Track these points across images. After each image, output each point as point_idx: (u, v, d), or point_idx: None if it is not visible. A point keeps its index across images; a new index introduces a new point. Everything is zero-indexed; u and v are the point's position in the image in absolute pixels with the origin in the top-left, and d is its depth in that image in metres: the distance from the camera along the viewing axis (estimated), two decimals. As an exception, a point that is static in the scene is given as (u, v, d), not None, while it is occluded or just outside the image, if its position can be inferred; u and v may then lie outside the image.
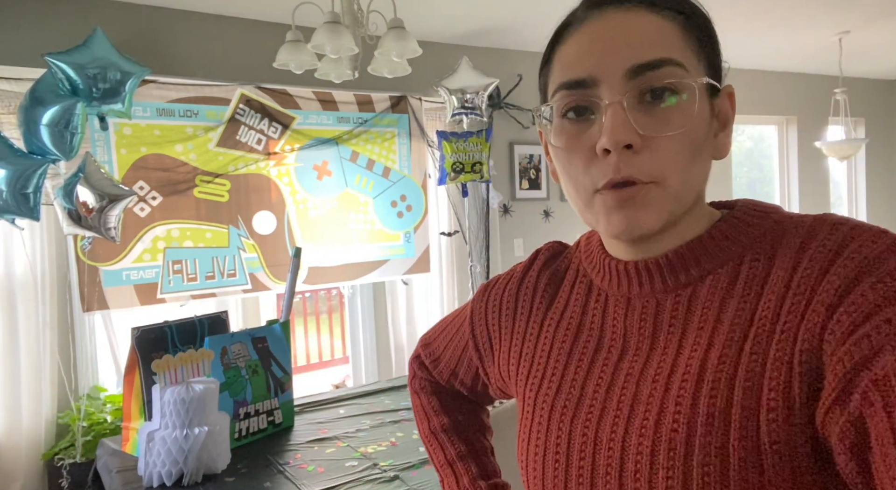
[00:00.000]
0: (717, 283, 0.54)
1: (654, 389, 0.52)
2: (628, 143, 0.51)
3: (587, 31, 0.54)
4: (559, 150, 0.56)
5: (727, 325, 0.51)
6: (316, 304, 5.59)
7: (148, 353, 1.70)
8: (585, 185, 0.54)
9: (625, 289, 0.59)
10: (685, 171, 0.52)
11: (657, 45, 0.51)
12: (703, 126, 0.53)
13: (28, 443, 2.51)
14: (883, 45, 4.33)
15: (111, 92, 2.20)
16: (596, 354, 0.59)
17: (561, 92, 0.55)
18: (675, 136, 0.51)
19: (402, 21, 2.05)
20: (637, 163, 0.51)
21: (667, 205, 0.52)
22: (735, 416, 0.47)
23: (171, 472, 1.49)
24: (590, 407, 0.57)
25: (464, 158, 3.19)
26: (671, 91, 0.51)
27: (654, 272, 0.56)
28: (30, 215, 2.14)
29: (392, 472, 1.56)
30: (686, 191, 0.53)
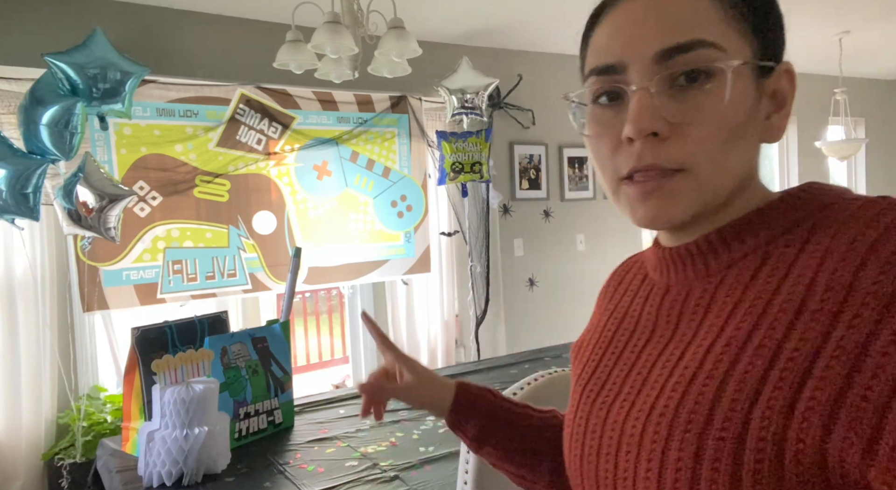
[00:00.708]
0: (743, 271, 0.50)
1: (660, 375, 0.51)
2: (652, 131, 0.49)
3: (619, 14, 0.52)
4: (590, 137, 0.55)
5: (740, 315, 0.47)
6: (316, 304, 5.59)
7: (148, 353, 1.70)
8: (611, 173, 0.53)
9: (665, 276, 0.57)
10: (719, 158, 0.49)
11: (690, 25, 0.48)
12: (744, 109, 0.49)
13: (28, 443, 2.51)
14: (883, 45, 4.33)
15: (111, 92, 2.20)
16: (629, 341, 0.58)
17: (592, 78, 0.54)
18: (708, 122, 0.48)
19: (402, 21, 2.05)
20: (663, 150, 0.49)
21: (697, 194, 0.50)
22: (719, 412, 0.44)
23: (171, 472, 1.49)
24: (609, 390, 0.57)
25: (463, 158, 3.19)
26: (704, 74, 0.48)
27: (685, 258, 0.55)
28: (30, 215, 2.14)
29: (392, 472, 1.56)
30: (722, 178, 0.50)
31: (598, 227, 4.16)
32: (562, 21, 3.32)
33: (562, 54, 3.95)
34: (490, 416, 0.78)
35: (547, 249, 3.95)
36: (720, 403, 0.44)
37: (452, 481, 1.46)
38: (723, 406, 0.44)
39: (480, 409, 0.78)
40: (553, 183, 3.96)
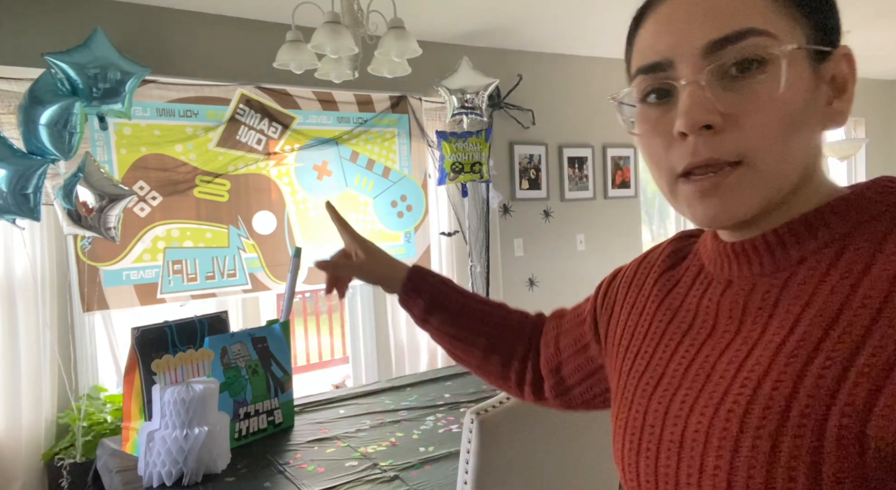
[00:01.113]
0: (816, 266, 0.48)
1: (727, 371, 0.50)
2: (706, 123, 0.47)
3: (664, 11, 0.51)
4: (642, 136, 0.53)
5: (812, 314, 0.46)
6: (316, 304, 5.59)
7: (148, 353, 1.70)
8: (667, 171, 0.52)
9: (726, 271, 0.55)
10: (779, 147, 0.47)
11: (738, 14, 0.47)
12: (802, 95, 0.48)
13: (28, 443, 2.51)
14: (883, 45, 4.32)
15: (111, 92, 2.20)
16: (686, 335, 0.57)
17: (639, 77, 0.52)
18: (764, 110, 0.47)
19: (402, 21, 2.05)
20: (719, 143, 0.48)
21: (760, 188, 0.48)
22: (800, 402, 0.43)
23: (171, 472, 1.49)
24: (668, 384, 0.55)
25: (463, 158, 3.19)
26: (757, 62, 0.47)
27: (751, 253, 0.53)
28: (30, 215, 2.14)
29: (392, 472, 1.56)
30: (785, 168, 0.48)
31: (598, 227, 4.16)
32: (562, 21, 3.32)
33: (562, 54, 3.95)
34: (438, 290, 0.87)
35: (547, 249, 3.95)
36: (796, 401, 0.43)
37: (452, 481, 1.46)
38: (799, 404, 0.43)
39: (430, 284, 0.87)
40: (553, 183, 3.96)
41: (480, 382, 2.32)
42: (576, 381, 0.78)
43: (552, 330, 0.82)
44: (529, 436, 1.29)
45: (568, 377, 0.79)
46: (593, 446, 1.42)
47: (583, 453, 1.40)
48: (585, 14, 3.24)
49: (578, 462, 1.39)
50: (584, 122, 4.06)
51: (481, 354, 0.86)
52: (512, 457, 1.27)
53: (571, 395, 0.80)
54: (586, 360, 0.76)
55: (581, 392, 0.79)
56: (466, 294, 0.88)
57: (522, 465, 1.29)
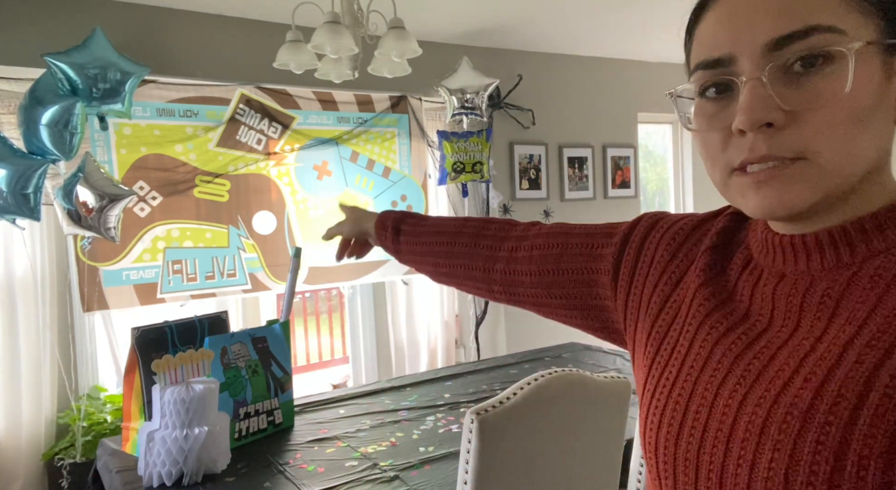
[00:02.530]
0: (884, 268, 0.47)
1: (786, 364, 0.48)
2: (766, 121, 0.46)
3: (725, 4, 0.50)
4: (698, 130, 0.53)
5: (884, 316, 0.44)
6: (316, 304, 5.59)
7: (148, 353, 1.70)
8: (722, 166, 0.51)
9: (780, 264, 0.53)
10: (843, 145, 0.46)
11: (804, 9, 0.45)
12: (870, 93, 0.46)
13: (28, 443, 2.51)
14: None
15: (111, 92, 2.20)
16: (738, 325, 0.54)
17: (699, 72, 0.51)
18: (829, 108, 0.45)
19: (402, 21, 2.05)
20: (778, 140, 0.47)
21: (819, 182, 0.47)
22: (866, 412, 0.42)
23: (171, 472, 1.49)
24: (714, 371, 0.53)
25: (464, 158, 3.19)
26: (823, 57, 0.45)
27: (812, 248, 0.51)
28: (30, 215, 2.14)
29: (392, 472, 1.56)
30: (848, 165, 0.47)
31: (598, 227, 4.15)
32: (562, 21, 3.32)
33: (562, 54, 3.95)
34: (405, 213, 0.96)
35: (547, 249, 3.94)
36: (868, 400, 0.42)
37: (452, 481, 1.46)
38: (871, 403, 0.42)
39: (391, 216, 0.97)
40: (553, 183, 3.97)
41: (480, 382, 2.32)
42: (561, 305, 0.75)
43: (559, 245, 0.76)
44: (529, 436, 1.29)
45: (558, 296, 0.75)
46: (593, 446, 1.42)
47: (582, 453, 1.40)
48: (585, 14, 3.24)
49: (578, 462, 1.39)
50: (584, 122, 4.06)
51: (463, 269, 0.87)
52: (512, 457, 1.27)
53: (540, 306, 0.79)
54: (588, 294, 0.72)
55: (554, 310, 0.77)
56: (437, 218, 0.94)
57: (522, 465, 1.29)
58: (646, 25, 3.52)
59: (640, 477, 1.48)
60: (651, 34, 3.71)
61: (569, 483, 1.37)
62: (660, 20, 3.42)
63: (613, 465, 1.45)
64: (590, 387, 1.36)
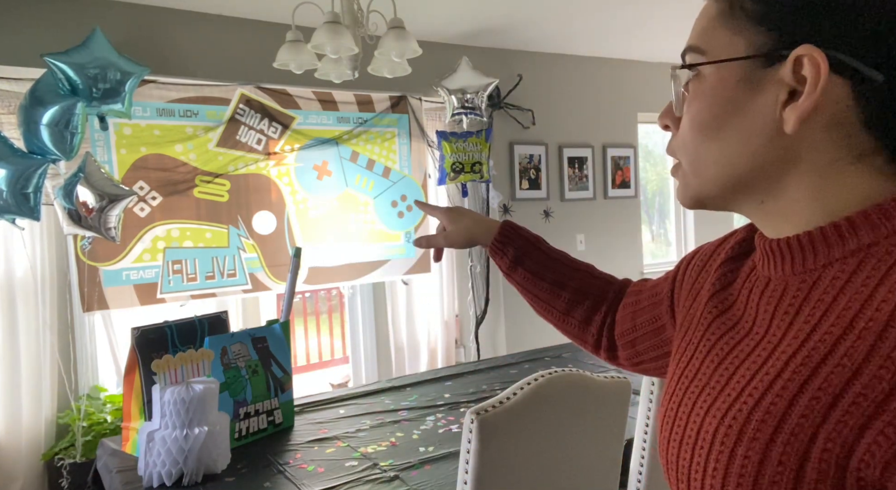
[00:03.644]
0: (839, 275, 0.47)
1: (743, 377, 0.50)
2: (663, 124, 0.58)
3: None
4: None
5: (827, 326, 0.45)
6: (316, 304, 5.59)
7: (148, 353, 1.70)
8: None
9: (767, 268, 0.55)
10: (695, 150, 0.54)
11: (695, 31, 0.55)
12: (718, 104, 0.51)
13: (28, 443, 2.52)
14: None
15: (111, 92, 2.20)
16: (728, 332, 0.57)
17: None
18: (686, 117, 0.55)
19: (402, 21, 2.05)
20: (672, 143, 0.58)
21: (687, 182, 0.57)
22: (791, 420, 0.43)
23: (171, 472, 1.49)
24: (699, 379, 0.56)
25: (463, 158, 3.19)
26: (693, 75, 0.54)
27: (784, 251, 0.52)
28: (30, 215, 2.14)
29: (392, 472, 1.56)
30: (701, 169, 0.54)
31: (598, 227, 4.16)
32: (562, 21, 3.32)
33: (562, 54, 3.95)
34: (528, 243, 0.92)
35: (547, 249, 3.94)
36: (789, 420, 0.43)
37: (452, 481, 1.46)
38: (791, 422, 0.43)
39: (521, 237, 0.93)
40: (553, 183, 3.97)
41: (480, 382, 2.32)
42: (650, 358, 0.80)
43: (631, 304, 0.83)
44: (529, 436, 1.29)
45: (643, 353, 0.81)
46: (593, 446, 1.42)
47: (582, 453, 1.40)
48: (585, 14, 3.24)
49: (578, 462, 1.39)
50: (584, 122, 4.06)
51: (561, 312, 0.90)
52: (512, 457, 1.27)
53: (645, 367, 0.83)
54: (661, 341, 0.78)
55: (655, 367, 0.81)
56: (553, 252, 0.92)
57: (522, 465, 1.29)
58: (646, 25, 3.52)
59: (640, 477, 1.48)
60: (651, 34, 3.71)
61: (569, 483, 1.37)
62: (660, 20, 3.42)
63: (614, 465, 1.45)
64: (590, 387, 1.36)
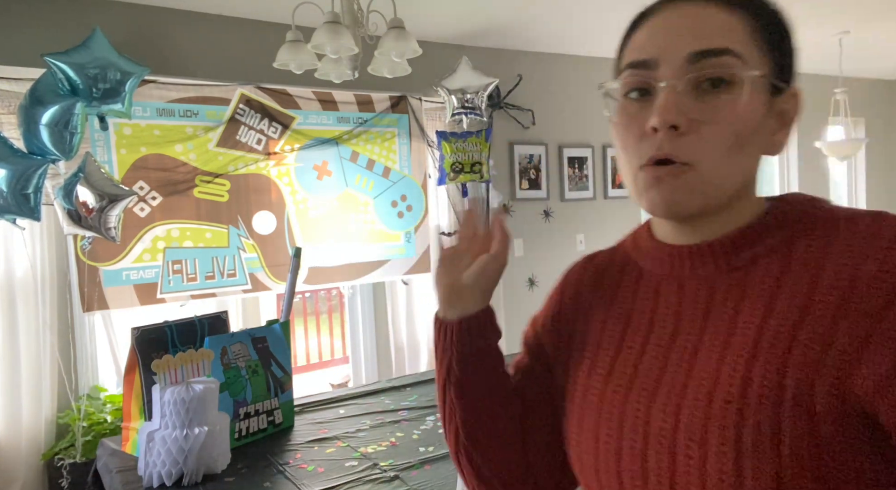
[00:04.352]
0: (770, 265, 0.55)
1: (709, 362, 0.54)
2: (674, 123, 0.53)
3: (660, 19, 0.58)
4: (618, 126, 0.59)
5: (782, 303, 0.52)
6: (316, 304, 5.59)
7: (148, 353, 1.70)
8: (633, 161, 0.58)
9: (678, 272, 0.61)
10: (723, 160, 0.54)
11: (721, 36, 0.54)
12: (754, 120, 0.55)
13: (28, 443, 2.51)
14: (883, 45, 4.32)
15: (111, 92, 2.20)
16: (648, 336, 0.60)
17: (627, 71, 0.58)
18: (721, 125, 0.54)
19: (402, 21, 2.05)
20: (679, 143, 0.54)
21: (701, 190, 0.55)
22: (789, 384, 0.48)
23: (171, 472, 1.49)
24: (643, 384, 0.58)
25: (463, 158, 3.19)
26: (726, 82, 0.54)
27: (707, 255, 0.59)
28: (30, 215, 2.14)
29: (392, 472, 1.56)
30: (722, 178, 0.55)
31: (598, 227, 4.16)
32: (562, 21, 3.32)
33: (562, 54, 3.95)
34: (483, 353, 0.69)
35: (547, 249, 3.95)
36: (788, 377, 0.49)
37: (452, 481, 1.46)
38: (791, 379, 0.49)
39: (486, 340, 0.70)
40: (553, 183, 3.96)
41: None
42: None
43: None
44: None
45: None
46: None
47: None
48: (585, 14, 3.24)
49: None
50: (584, 122, 4.06)
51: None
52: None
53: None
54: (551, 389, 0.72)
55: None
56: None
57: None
58: (646, 25, 3.52)
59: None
60: (651, 34, 3.70)
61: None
62: (660, 20, 3.42)
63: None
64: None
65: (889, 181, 5.72)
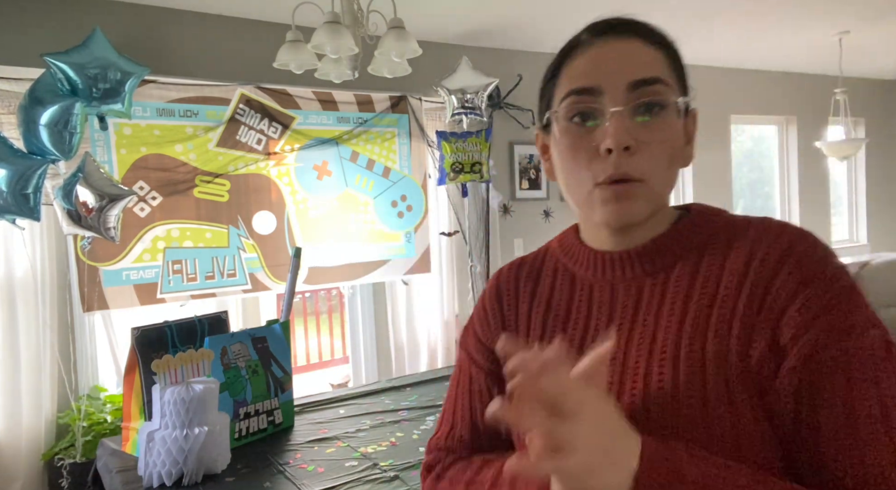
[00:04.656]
0: (685, 267, 0.65)
1: (640, 355, 0.62)
2: (627, 145, 0.61)
3: (594, 52, 0.65)
4: (565, 148, 0.66)
5: (696, 298, 0.62)
6: (316, 304, 5.59)
7: (148, 353, 1.70)
8: (586, 180, 0.64)
9: (609, 275, 0.69)
10: (664, 174, 0.64)
11: (652, 67, 0.63)
12: (679, 138, 0.65)
13: (28, 443, 2.51)
14: (883, 45, 4.32)
15: (111, 92, 2.20)
16: (585, 334, 0.68)
17: (570, 98, 0.64)
18: (661, 144, 0.63)
19: (402, 21, 2.05)
20: (632, 163, 0.62)
21: (651, 199, 0.64)
22: (709, 360, 0.58)
23: (171, 472, 1.49)
24: None
25: (463, 158, 3.19)
26: (659, 106, 0.63)
27: (635, 260, 0.67)
28: (30, 215, 2.14)
29: (392, 472, 1.56)
30: (664, 189, 0.65)
31: (598, 227, 4.15)
32: (562, 21, 3.32)
33: (562, 54, 3.95)
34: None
35: (547, 249, 3.95)
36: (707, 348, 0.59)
37: (452, 481, 1.45)
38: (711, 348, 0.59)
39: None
40: (553, 183, 3.96)
41: (480, 382, 2.32)
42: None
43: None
44: (529, 436, 1.28)
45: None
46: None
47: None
48: (585, 14, 3.23)
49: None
50: (584, 122, 4.05)
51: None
52: (512, 457, 1.27)
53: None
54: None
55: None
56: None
57: (522, 465, 1.29)
58: (646, 25, 3.52)
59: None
60: (651, 34, 3.70)
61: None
62: (659, 20, 3.42)
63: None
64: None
65: (889, 181, 5.72)
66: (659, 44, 0.66)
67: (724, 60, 4.54)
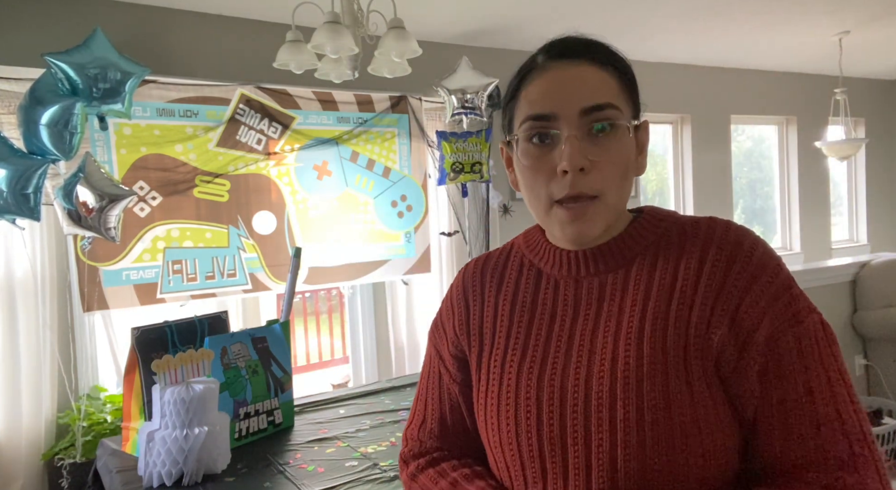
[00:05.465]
0: (643, 263, 0.73)
1: (607, 342, 0.70)
2: (582, 166, 0.67)
3: (548, 78, 0.71)
4: (526, 168, 0.72)
5: (655, 290, 0.70)
6: (316, 304, 5.59)
7: (148, 353, 1.70)
8: (545, 197, 0.71)
9: (574, 272, 0.76)
10: (619, 188, 0.71)
11: (602, 92, 0.69)
12: (631, 153, 0.72)
13: (28, 443, 2.51)
14: (883, 45, 4.33)
15: (111, 92, 2.20)
16: (552, 324, 0.74)
17: (528, 122, 0.71)
18: (613, 161, 0.69)
19: (402, 21, 2.05)
20: (587, 181, 0.68)
21: (606, 215, 0.71)
22: (670, 346, 0.66)
23: (171, 472, 1.49)
24: (553, 364, 0.72)
25: (463, 158, 3.19)
26: (610, 126, 0.69)
27: (598, 258, 0.75)
28: (30, 215, 2.14)
29: (392, 472, 1.56)
30: (619, 202, 0.72)
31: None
32: (562, 21, 3.32)
33: (562, 54, 3.95)
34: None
35: (547, 249, 3.94)
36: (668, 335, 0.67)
37: (452, 481, 1.45)
38: (670, 335, 0.67)
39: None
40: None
41: (480, 382, 2.32)
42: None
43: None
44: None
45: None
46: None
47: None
48: (585, 14, 3.24)
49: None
50: (584, 122, 4.05)
51: None
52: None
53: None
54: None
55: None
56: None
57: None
58: (646, 25, 3.52)
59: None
60: (651, 34, 3.71)
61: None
62: (660, 20, 3.43)
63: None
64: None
65: (889, 181, 5.72)
66: (612, 65, 0.71)
67: (724, 60, 4.54)
